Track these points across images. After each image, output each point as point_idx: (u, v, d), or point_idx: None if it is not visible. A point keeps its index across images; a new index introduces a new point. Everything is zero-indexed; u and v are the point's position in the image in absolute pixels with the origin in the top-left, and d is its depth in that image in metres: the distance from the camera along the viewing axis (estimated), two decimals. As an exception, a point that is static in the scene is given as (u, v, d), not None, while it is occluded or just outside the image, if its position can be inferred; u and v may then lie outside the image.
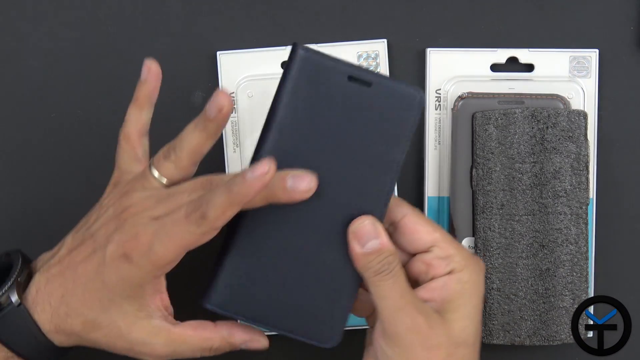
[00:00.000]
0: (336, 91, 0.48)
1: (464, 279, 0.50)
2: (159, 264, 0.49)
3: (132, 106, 0.54)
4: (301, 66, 0.48)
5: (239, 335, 0.51)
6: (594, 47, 0.64)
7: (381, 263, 0.48)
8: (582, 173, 0.61)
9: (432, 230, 0.51)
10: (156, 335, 0.50)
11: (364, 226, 0.49)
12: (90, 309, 0.50)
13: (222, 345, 0.51)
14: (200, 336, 0.51)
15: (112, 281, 0.50)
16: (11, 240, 0.65)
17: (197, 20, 0.64)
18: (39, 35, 0.64)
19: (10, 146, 0.65)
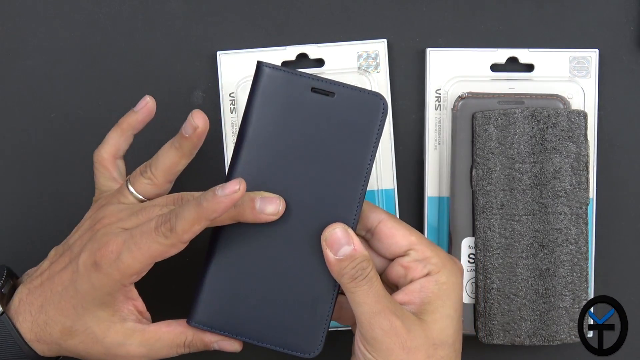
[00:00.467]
0: (301, 103, 0.49)
1: (441, 280, 0.51)
2: (126, 273, 0.50)
3: (114, 130, 0.57)
4: (266, 82, 0.50)
5: (210, 334, 0.52)
6: (594, 47, 0.64)
7: (355, 269, 0.49)
8: (582, 173, 0.61)
9: (408, 233, 0.52)
10: (130, 336, 0.52)
11: (335, 233, 0.49)
12: (66, 317, 0.52)
13: (195, 340, 0.52)
14: (174, 331, 0.52)
15: (84, 289, 0.51)
16: (11, 240, 0.65)
17: (197, 20, 0.64)
18: (39, 35, 0.64)
19: (10, 146, 0.65)
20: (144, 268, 0.51)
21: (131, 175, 0.55)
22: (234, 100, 0.63)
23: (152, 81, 0.64)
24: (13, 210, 0.65)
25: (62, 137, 0.64)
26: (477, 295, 0.62)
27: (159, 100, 0.64)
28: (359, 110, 0.49)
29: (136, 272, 0.50)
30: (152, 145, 0.64)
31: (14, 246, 0.65)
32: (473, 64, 0.63)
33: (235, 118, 0.63)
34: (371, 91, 0.50)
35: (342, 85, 0.50)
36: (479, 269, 0.62)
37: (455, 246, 0.63)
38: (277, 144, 0.50)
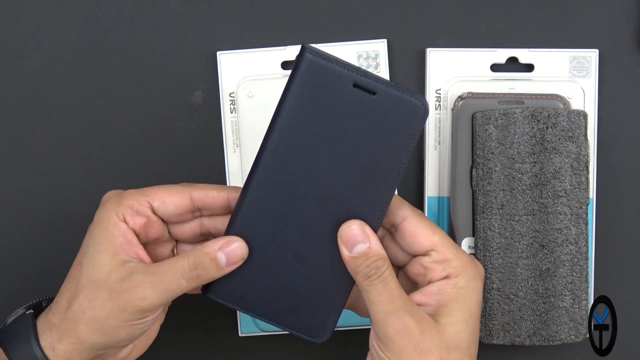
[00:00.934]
0: (340, 97, 0.48)
1: (460, 284, 0.50)
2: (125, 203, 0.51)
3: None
4: (307, 70, 0.48)
5: (211, 243, 0.50)
6: (594, 47, 0.64)
7: (369, 267, 0.49)
8: (582, 173, 0.61)
9: (431, 234, 0.51)
10: (133, 272, 0.50)
11: (351, 230, 0.49)
12: (72, 279, 0.51)
13: (199, 257, 0.50)
14: (177, 256, 0.50)
15: (88, 236, 0.51)
16: (11, 240, 0.65)
17: (197, 20, 0.64)
18: (39, 35, 0.64)
19: (10, 146, 0.65)
20: (142, 204, 0.51)
21: None
22: (234, 100, 0.63)
23: (152, 81, 0.64)
24: (13, 210, 0.65)
25: (62, 137, 0.64)
26: (477, 295, 0.62)
27: (159, 100, 0.65)
28: (399, 112, 0.48)
29: (134, 205, 0.51)
30: (152, 145, 0.64)
31: (13, 246, 0.65)
32: (473, 64, 0.63)
33: (235, 118, 0.63)
34: (413, 94, 0.48)
35: (384, 84, 0.48)
36: (479, 269, 0.62)
37: (455, 246, 0.63)
38: (310, 133, 0.48)
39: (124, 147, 0.64)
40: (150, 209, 0.51)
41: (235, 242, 0.50)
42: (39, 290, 0.64)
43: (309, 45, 0.48)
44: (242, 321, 0.64)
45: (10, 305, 0.60)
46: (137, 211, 0.51)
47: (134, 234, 0.51)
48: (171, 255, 0.54)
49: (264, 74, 0.63)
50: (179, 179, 0.64)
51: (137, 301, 0.49)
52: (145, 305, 0.49)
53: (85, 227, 0.64)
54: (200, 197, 0.52)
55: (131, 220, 0.51)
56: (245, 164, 0.63)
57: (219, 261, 0.50)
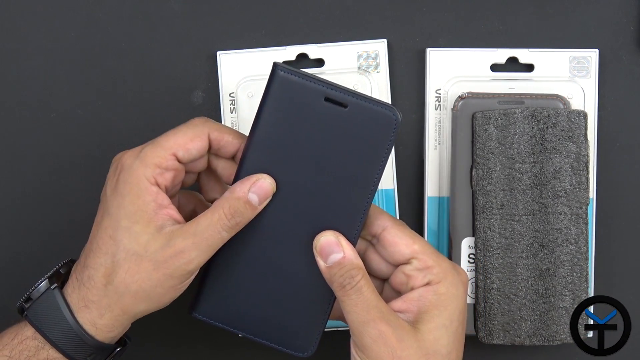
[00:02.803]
0: (313, 111, 0.49)
1: (440, 290, 0.50)
2: (150, 163, 0.49)
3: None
4: (279, 87, 0.49)
5: (239, 186, 0.50)
6: (594, 47, 0.64)
7: (343, 277, 0.49)
8: (582, 173, 0.61)
9: (411, 242, 0.51)
10: (172, 236, 0.49)
11: (326, 240, 0.50)
12: (105, 254, 0.50)
13: (233, 204, 0.49)
14: (210, 210, 0.50)
15: (115, 207, 0.50)
16: (11, 240, 0.65)
17: (197, 20, 0.64)
18: (39, 35, 0.64)
19: (10, 146, 0.65)
20: (166, 158, 0.50)
21: None
22: (234, 100, 0.63)
23: (152, 81, 0.64)
24: (13, 210, 0.65)
25: (62, 137, 0.64)
26: (477, 295, 0.62)
27: (159, 100, 0.65)
28: (371, 123, 0.49)
29: (159, 163, 0.50)
30: (152, 145, 0.64)
31: (14, 245, 0.65)
32: (473, 64, 0.63)
33: (235, 118, 0.63)
34: (384, 104, 0.49)
35: (355, 96, 0.49)
36: (479, 269, 0.62)
37: (455, 246, 0.63)
38: (285, 150, 0.49)
39: (124, 147, 0.64)
40: (176, 160, 0.51)
41: (260, 178, 0.50)
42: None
43: (280, 63, 0.49)
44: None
45: (10, 303, 0.60)
46: (165, 168, 0.50)
47: (164, 194, 0.50)
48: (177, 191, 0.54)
49: (264, 74, 0.63)
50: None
51: (184, 266, 0.49)
52: (192, 268, 0.49)
53: (85, 227, 0.64)
54: (216, 138, 0.51)
55: (161, 179, 0.50)
56: (245, 164, 0.63)
57: (252, 202, 0.49)
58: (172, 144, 0.50)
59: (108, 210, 0.50)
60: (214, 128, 0.52)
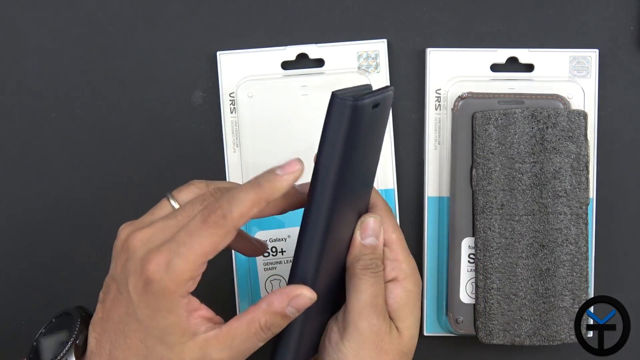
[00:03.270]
0: (365, 121, 0.47)
1: (408, 287, 0.51)
2: (181, 280, 0.46)
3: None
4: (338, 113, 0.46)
5: (278, 301, 0.48)
6: (594, 47, 0.64)
7: (372, 261, 0.50)
8: (582, 173, 0.61)
9: (392, 230, 0.52)
10: (207, 347, 0.47)
11: (373, 221, 0.51)
12: (136, 355, 0.48)
13: (270, 319, 0.48)
14: (245, 321, 0.48)
15: (145, 317, 0.47)
16: (11, 240, 0.65)
17: (197, 20, 0.64)
18: (39, 35, 0.64)
19: (10, 146, 0.65)
20: (198, 269, 0.46)
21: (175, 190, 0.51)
22: (234, 100, 0.63)
23: (152, 81, 0.64)
24: (13, 210, 0.65)
25: (62, 137, 0.64)
26: (477, 295, 0.62)
27: (159, 100, 0.65)
28: (385, 108, 0.50)
29: (191, 277, 0.46)
30: (152, 145, 0.64)
31: (13, 246, 0.65)
32: (473, 64, 0.63)
33: (235, 118, 0.63)
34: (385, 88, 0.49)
35: (379, 92, 0.48)
36: (479, 269, 0.61)
37: (455, 246, 0.63)
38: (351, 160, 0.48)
39: (124, 147, 0.64)
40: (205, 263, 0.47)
41: (300, 294, 0.48)
42: (38, 287, 0.64)
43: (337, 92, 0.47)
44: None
45: (7, 303, 0.60)
46: (197, 276, 0.47)
47: (195, 299, 0.48)
48: None
49: (264, 74, 0.63)
50: (179, 179, 0.64)
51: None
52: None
53: (85, 227, 0.64)
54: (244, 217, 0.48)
55: (193, 286, 0.48)
56: (245, 164, 0.63)
57: (289, 315, 0.48)
58: (199, 253, 0.46)
59: (135, 314, 0.47)
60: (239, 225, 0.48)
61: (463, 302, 0.63)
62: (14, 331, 0.65)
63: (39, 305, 0.65)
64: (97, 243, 0.64)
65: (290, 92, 0.63)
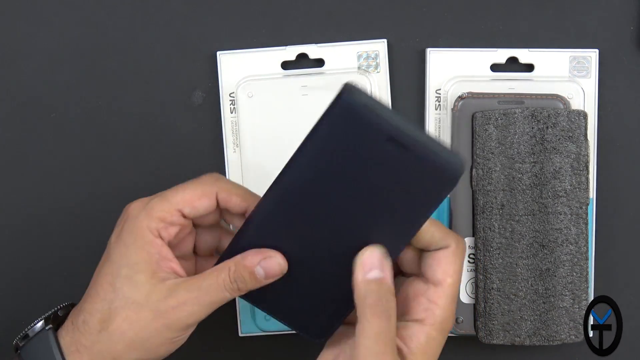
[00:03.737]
0: (372, 146, 0.46)
1: (433, 334, 0.49)
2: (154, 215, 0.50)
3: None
4: (342, 113, 0.45)
5: (251, 256, 0.49)
6: (594, 47, 0.64)
7: (379, 296, 0.47)
8: (582, 173, 0.61)
9: (451, 273, 0.49)
10: (175, 288, 0.49)
11: (372, 254, 0.47)
12: (103, 300, 0.49)
13: (239, 270, 0.49)
14: (216, 268, 0.49)
15: (118, 255, 0.49)
16: (10, 239, 0.65)
17: (197, 20, 0.64)
18: (39, 35, 0.64)
19: (10, 146, 0.65)
20: (173, 213, 0.50)
21: None
22: (234, 100, 0.63)
23: (152, 81, 0.64)
24: (13, 210, 0.65)
25: (62, 137, 0.64)
26: (477, 295, 0.62)
27: (159, 100, 0.65)
28: (431, 169, 0.45)
29: (165, 217, 0.50)
30: (152, 145, 0.64)
31: (13, 246, 0.65)
32: (473, 64, 0.63)
33: (235, 118, 0.63)
34: (449, 152, 0.45)
35: (421, 139, 0.45)
36: (479, 269, 0.62)
37: (455, 246, 0.63)
38: (335, 169, 0.47)
39: (124, 147, 0.64)
40: (181, 215, 0.51)
41: (273, 257, 0.49)
42: (36, 289, 0.64)
43: (350, 84, 0.45)
44: (242, 321, 0.64)
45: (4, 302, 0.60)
46: (170, 223, 0.50)
47: (168, 248, 0.50)
48: (192, 249, 0.54)
49: (264, 74, 0.63)
50: (179, 179, 0.64)
51: (184, 318, 0.49)
52: (191, 321, 0.49)
53: (84, 228, 0.64)
54: (223, 199, 0.52)
55: (165, 234, 0.50)
56: (245, 164, 0.63)
57: (257, 275, 0.49)
58: (178, 200, 0.51)
59: (110, 257, 0.50)
60: (223, 188, 0.51)
61: (463, 302, 0.63)
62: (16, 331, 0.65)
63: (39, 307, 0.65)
64: (96, 242, 0.64)
65: (290, 92, 0.63)
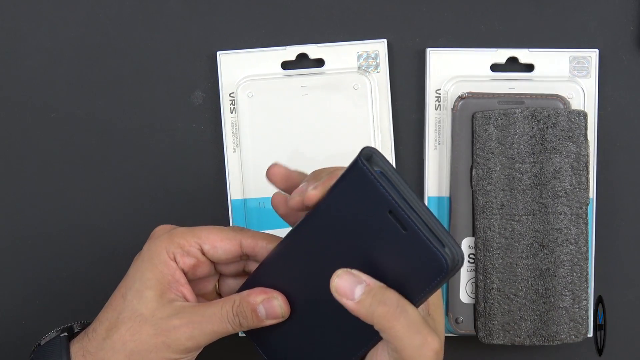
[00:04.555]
0: (374, 214, 0.46)
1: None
2: (177, 241, 0.51)
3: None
4: (352, 176, 0.46)
5: (255, 293, 0.50)
6: (594, 47, 0.64)
7: (382, 301, 0.45)
8: (582, 173, 0.61)
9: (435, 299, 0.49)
10: (179, 312, 0.49)
11: (341, 280, 0.46)
12: (113, 310, 0.50)
13: (242, 306, 0.49)
14: (222, 300, 0.50)
15: (133, 270, 0.51)
16: (9, 239, 0.65)
17: (197, 20, 0.64)
18: (39, 35, 0.64)
19: (10, 146, 0.65)
20: (194, 244, 0.51)
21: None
22: (234, 100, 0.63)
23: (152, 81, 0.64)
24: (13, 210, 0.65)
25: (62, 137, 0.64)
26: (477, 295, 0.62)
27: (159, 100, 0.65)
28: (423, 257, 0.45)
29: (185, 245, 0.50)
30: (152, 145, 0.64)
31: (12, 246, 0.65)
32: (473, 64, 0.63)
33: (235, 118, 0.63)
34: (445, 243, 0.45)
35: (418, 225, 0.45)
36: (479, 269, 0.62)
37: (455, 246, 0.63)
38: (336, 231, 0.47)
39: (124, 147, 0.64)
40: (200, 250, 0.51)
41: (275, 299, 0.50)
42: (32, 283, 0.65)
43: (371, 148, 0.46)
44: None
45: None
46: (187, 252, 0.51)
47: (182, 273, 0.51)
48: (213, 290, 0.54)
49: (264, 74, 0.63)
50: (179, 179, 0.65)
51: (184, 340, 0.49)
52: (191, 345, 0.49)
53: (84, 227, 0.65)
54: (249, 245, 0.51)
55: (181, 260, 0.51)
56: (245, 163, 0.63)
57: (259, 314, 0.49)
58: (202, 235, 0.51)
59: (128, 272, 0.51)
60: (248, 235, 0.51)
61: (463, 302, 0.63)
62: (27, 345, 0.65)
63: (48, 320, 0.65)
64: (96, 242, 0.64)
65: (290, 92, 0.63)
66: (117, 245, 0.64)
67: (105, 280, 0.64)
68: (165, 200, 0.64)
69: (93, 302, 0.63)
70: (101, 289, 0.65)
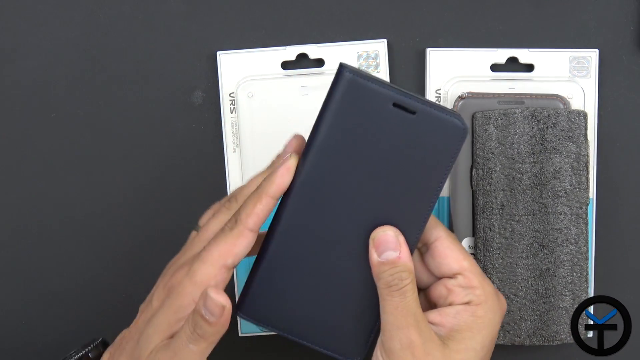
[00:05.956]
0: (379, 116, 0.47)
1: (479, 313, 0.49)
2: (201, 282, 0.47)
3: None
4: (345, 89, 0.47)
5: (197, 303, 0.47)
6: (594, 47, 0.64)
7: (393, 276, 0.48)
8: (582, 173, 0.61)
9: (461, 258, 0.50)
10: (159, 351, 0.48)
11: (385, 235, 0.48)
12: (131, 339, 0.49)
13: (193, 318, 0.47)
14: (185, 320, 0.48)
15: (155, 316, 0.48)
16: (10, 239, 0.65)
17: (197, 20, 0.64)
18: (39, 35, 0.64)
19: (10, 146, 0.65)
20: (218, 273, 0.47)
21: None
22: (234, 100, 0.63)
23: (152, 81, 0.64)
24: (13, 210, 0.65)
25: (62, 137, 0.64)
26: (477, 295, 0.62)
27: (159, 100, 0.65)
28: (438, 132, 0.47)
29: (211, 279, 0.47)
30: (152, 145, 0.64)
31: (12, 246, 0.65)
32: (473, 64, 0.63)
33: (235, 118, 0.63)
34: (453, 113, 0.48)
35: (425, 104, 0.47)
36: (479, 269, 0.62)
37: (455, 246, 0.63)
38: (349, 153, 0.48)
39: (124, 147, 0.64)
40: (226, 269, 0.48)
41: (208, 295, 0.46)
42: (32, 283, 0.65)
43: (347, 64, 0.47)
44: (242, 321, 0.64)
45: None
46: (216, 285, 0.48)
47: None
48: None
49: (264, 74, 0.63)
50: (179, 179, 0.65)
51: None
52: None
53: (84, 227, 0.65)
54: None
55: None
56: (245, 163, 0.63)
57: (206, 317, 0.46)
58: (216, 257, 0.48)
59: (148, 316, 0.49)
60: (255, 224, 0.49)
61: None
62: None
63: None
64: (96, 242, 0.64)
65: (290, 92, 0.63)
66: (118, 245, 0.64)
67: (105, 280, 0.65)
68: (165, 200, 0.64)
69: (93, 302, 0.63)
70: (101, 289, 0.65)
